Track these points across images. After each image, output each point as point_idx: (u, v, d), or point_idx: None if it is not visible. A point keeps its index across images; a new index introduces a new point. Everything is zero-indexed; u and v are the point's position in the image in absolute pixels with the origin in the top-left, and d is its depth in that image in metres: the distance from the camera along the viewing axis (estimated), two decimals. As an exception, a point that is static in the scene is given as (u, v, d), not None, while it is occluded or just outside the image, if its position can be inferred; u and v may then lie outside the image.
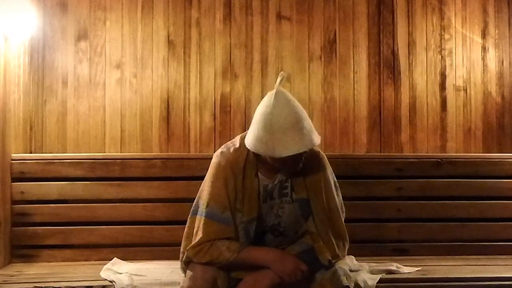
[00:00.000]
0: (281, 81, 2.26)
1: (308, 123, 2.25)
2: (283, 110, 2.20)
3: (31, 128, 3.31)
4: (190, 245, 2.27)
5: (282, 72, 2.33)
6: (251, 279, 2.24)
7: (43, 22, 3.35)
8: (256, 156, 2.32)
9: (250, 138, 2.27)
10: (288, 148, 2.18)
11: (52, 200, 3.12)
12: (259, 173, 2.36)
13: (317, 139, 2.26)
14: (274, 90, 2.25)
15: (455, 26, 3.65)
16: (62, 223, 3.12)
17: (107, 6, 3.45)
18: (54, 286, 2.53)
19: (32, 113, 3.31)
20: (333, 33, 3.57)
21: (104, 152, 3.39)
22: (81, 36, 3.43)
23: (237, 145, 2.37)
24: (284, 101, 2.22)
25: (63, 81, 3.41)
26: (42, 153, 3.33)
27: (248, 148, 2.28)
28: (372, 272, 2.74)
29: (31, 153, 3.29)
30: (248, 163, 2.34)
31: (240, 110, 3.49)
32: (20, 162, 3.09)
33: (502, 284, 2.69)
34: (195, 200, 2.40)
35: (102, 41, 3.45)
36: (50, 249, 3.11)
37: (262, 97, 3.45)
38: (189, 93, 3.48)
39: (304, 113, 2.26)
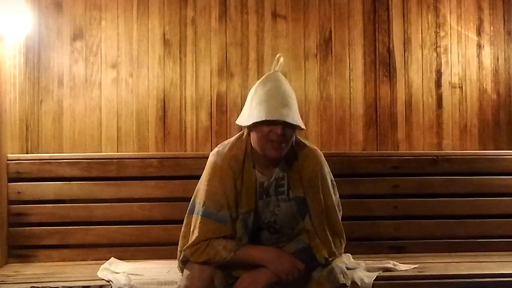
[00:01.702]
0: (277, 62, 2.31)
1: (294, 107, 2.29)
2: (269, 84, 2.27)
3: (27, 128, 3.31)
4: (187, 244, 2.27)
5: (279, 54, 2.35)
6: (248, 277, 2.25)
7: (38, 22, 3.34)
8: (253, 152, 2.33)
9: (240, 115, 2.36)
10: (262, 114, 2.21)
11: (49, 200, 3.12)
12: (256, 170, 2.37)
13: (294, 117, 2.26)
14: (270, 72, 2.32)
15: (450, 24, 3.65)
16: (58, 223, 3.12)
17: (102, 5, 3.44)
18: (51, 286, 2.53)
19: (28, 113, 3.31)
20: (328, 31, 3.57)
21: (101, 152, 3.38)
22: (77, 35, 3.42)
23: (235, 141, 2.39)
24: (273, 78, 2.29)
25: (59, 80, 3.40)
26: (38, 153, 3.32)
27: (237, 123, 2.36)
28: (369, 270, 2.74)
29: (27, 153, 3.29)
30: (247, 157, 2.35)
31: (236, 109, 3.49)
32: (16, 162, 3.09)
33: (498, 281, 2.69)
34: (191, 199, 2.40)
35: (98, 41, 3.44)
36: (47, 249, 3.12)
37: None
38: (185, 92, 3.47)
39: (292, 97, 2.31)
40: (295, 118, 2.27)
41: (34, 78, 3.36)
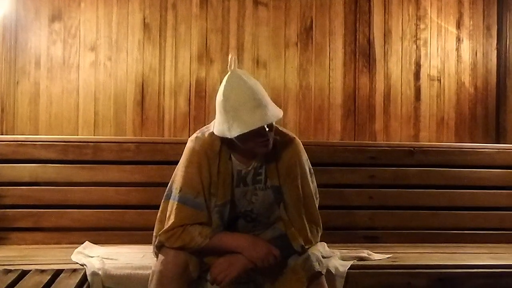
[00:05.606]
0: (231, 63, 2.25)
1: (264, 100, 2.22)
2: (235, 90, 2.20)
3: (2, 110, 3.26)
4: (163, 229, 2.26)
5: (230, 54, 2.32)
6: (224, 262, 2.24)
7: (16, 2, 3.29)
8: (231, 141, 2.32)
9: (215, 124, 2.29)
10: (242, 125, 2.17)
11: (24, 182, 3.08)
12: (232, 157, 2.36)
13: (272, 113, 2.22)
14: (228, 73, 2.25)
15: (430, 16, 3.67)
16: (33, 206, 3.09)
17: (82, -13, 3.41)
18: (24, 269, 2.49)
19: (3, 94, 3.26)
20: (309, 20, 3.57)
21: (77, 135, 3.36)
22: (55, 17, 3.38)
23: (212, 130, 2.36)
24: (235, 82, 2.22)
25: (36, 62, 3.36)
26: (13, 134, 3.28)
27: (217, 134, 2.27)
28: (343, 258, 2.76)
29: (2, 134, 3.24)
30: (223, 147, 2.34)
31: (215, 95, 3.41)
32: (-10, 144, 3.05)
33: (470, 272, 2.72)
34: (168, 185, 2.39)
35: (77, 23, 3.40)
36: (20, 232, 3.08)
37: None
38: (164, 77, 3.45)
39: (259, 90, 2.23)
40: (273, 112, 2.24)
41: (11, 59, 3.31)
